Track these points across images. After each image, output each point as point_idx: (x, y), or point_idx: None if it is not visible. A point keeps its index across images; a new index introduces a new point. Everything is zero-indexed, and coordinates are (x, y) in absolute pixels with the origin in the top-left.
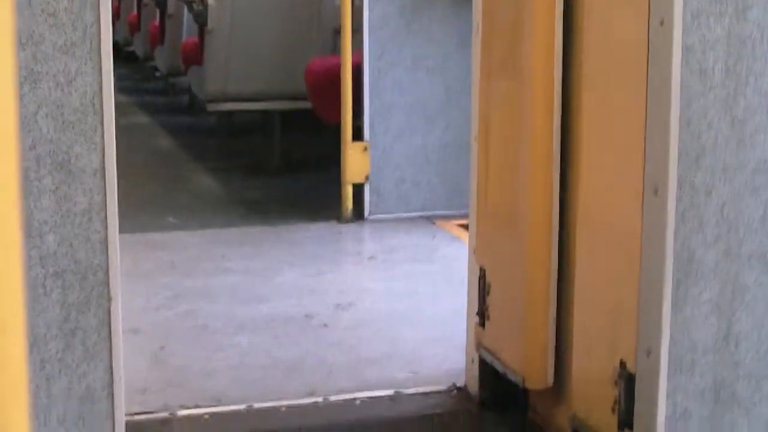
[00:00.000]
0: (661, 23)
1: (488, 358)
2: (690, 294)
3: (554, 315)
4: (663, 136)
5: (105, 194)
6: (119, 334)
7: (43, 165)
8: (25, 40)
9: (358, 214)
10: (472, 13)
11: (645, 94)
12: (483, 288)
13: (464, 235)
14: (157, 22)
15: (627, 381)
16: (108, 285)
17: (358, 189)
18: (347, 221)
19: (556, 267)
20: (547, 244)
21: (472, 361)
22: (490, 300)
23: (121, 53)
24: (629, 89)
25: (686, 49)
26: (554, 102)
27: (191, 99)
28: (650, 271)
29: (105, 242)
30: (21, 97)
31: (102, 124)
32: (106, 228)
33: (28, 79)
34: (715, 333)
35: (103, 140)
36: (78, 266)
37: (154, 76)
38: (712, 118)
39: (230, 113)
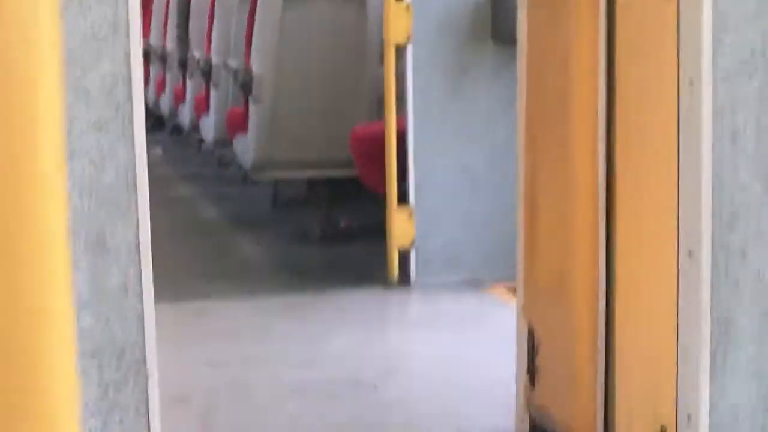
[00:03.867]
0: (691, 83)
1: (538, 417)
2: (728, 358)
3: (603, 373)
4: (695, 198)
5: (140, 270)
6: (157, 411)
7: (78, 242)
8: None
9: (405, 279)
10: (516, 79)
11: (677, 155)
12: (532, 347)
13: (511, 300)
14: (202, 92)
15: None
16: (145, 362)
17: (404, 254)
18: (393, 287)
19: (604, 327)
20: (594, 307)
21: (522, 421)
22: (539, 359)
23: (166, 125)
24: (662, 151)
25: (716, 110)
26: (599, 167)
27: (237, 169)
28: (687, 334)
29: (141, 319)
30: None
31: (136, 200)
32: (142, 304)
33: None
34: (755, 397)
35: (138, 216)
36: (114, 344)
37: (200, 147)
38: (744, 180)
39: (275, 182)
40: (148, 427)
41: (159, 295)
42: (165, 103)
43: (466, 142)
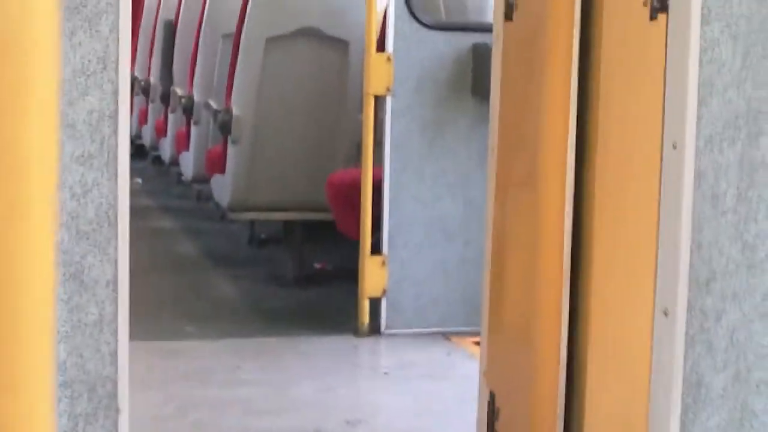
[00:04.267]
0: (674, 146)
1: None
2: (698, 419)
3: None
4: (674, 259)
5: (117, 306)
6: None
7: (57, 275)
8: None
9: (375, 327)
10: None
11: (657, 216)
12: (492, 413)
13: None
14: (183, 128)
15: None
16: (116, 397)
17: (375, 303)
18: (363, 335)
19: (564, 392)
20: (555, 367)
21: None
22: (499, 425)
23: (147, 156)
24: (642, 211)
25: (698, 174)
26: (565, 221)
27: (214, 205)
28: (659, 394)
29: (115, 354)
30: None
31: (116, 235)
32: (116, 340)
33: None
34: None
35: (117, 252)
36: (87, 377)
37: (179, 180)
38: (723, 243)
39: (253, 221)
40: None
41: (131, 333)
42: (147, 134)
43: (442, 194)
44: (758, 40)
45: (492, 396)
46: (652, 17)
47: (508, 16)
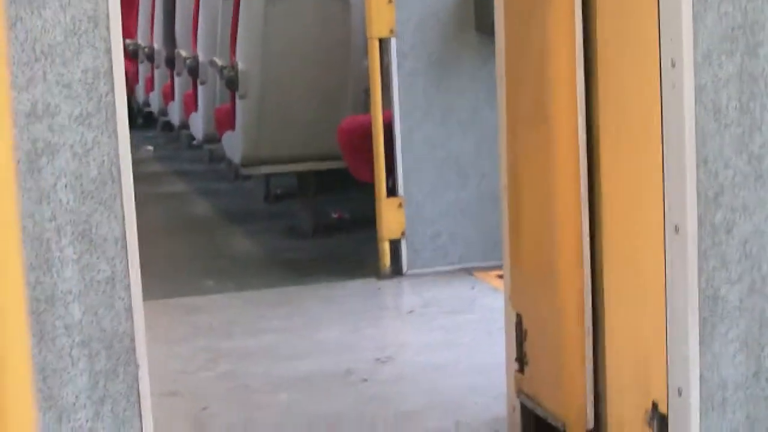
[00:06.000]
0: (672, 64)
1: (529, 404)
2: (717, 332)
3: (591, 358)
4: (680, 176)
5: (128, 262)
6: (148, 399)
7: (64, 235)
8: (41, 111)
9: (396, 269)
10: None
11: (660, 135)
12: (520, 334)
13: (501, 285)
14: (191, 90)
15: (660, 422)
16: (135, 352)
17: (395, 245)
18: (385, 277)
19: (591, 311)
20: (579, 289)
21: (513, 409)
22: (528, 346)
23: (156, 123)
24: (645, 131)
25: (699, 89)
26: (579, 149)
27: (227, 165)
28: (676, 310)
29: (130, 309)
30: (39, 169)
31: (121, 192)
32: (130, 295)
33: (45, 150)
34: (745, 370)
35: (123, 208)
36: (104, 334)
37: (190, 144)
38: (728, 157)
39: (266, 177)
40: (140, 415)
41: (151, 292)
42: (155, 101)
43: (452, 132)
44: None
45: (519, 317)
46: None
47: None
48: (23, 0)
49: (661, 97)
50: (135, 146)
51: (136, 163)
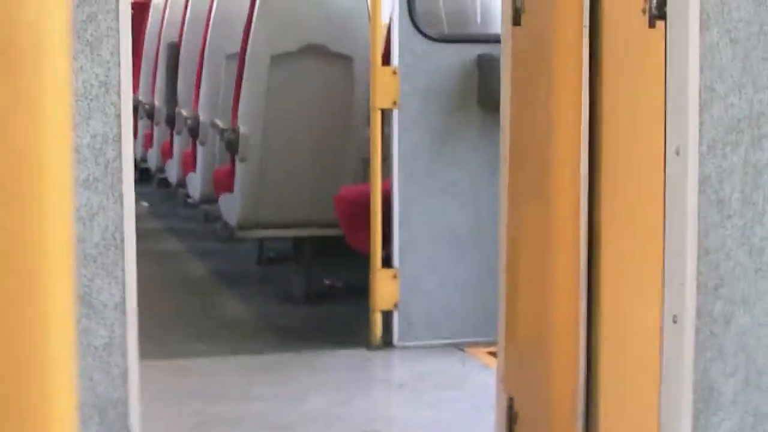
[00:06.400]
0: (677, 152)
1: None
2: (710, 424)
3: None
4: (681, 265)
5: (126, 328)
6: None
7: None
8: None
9: (387, 341)
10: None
11: (662, 223)
12: (510, 417)
13: (494, 363)
14: (189, 149)
15: None
16: (128, 419)
17: (387, 316)
18: (376, 348)
19: (583, 396)
20: (573, 373)
21: None
22: (518, 429)
23: (153, 179)
24: (647, 218)
25: (703, 179)
26: (580, 231)
27: (222, 226)
28: (670, 400)
29: (125, 376)
30: None
31: (123, 258)
32: (126, 362)
33: None
34: None
35: (124, 274)
36: (98, 400)
37: (186, 202)
38: (729, 248)
39: (261, 240)
40: None
41: (141, 352)
42: (152, 158)
43: (451, 205)
44: (758, 43)
45: (510, 401)
46: (651, 25)
47: (516, 21)
48: None
49: (665, 185)
50: None
51: None
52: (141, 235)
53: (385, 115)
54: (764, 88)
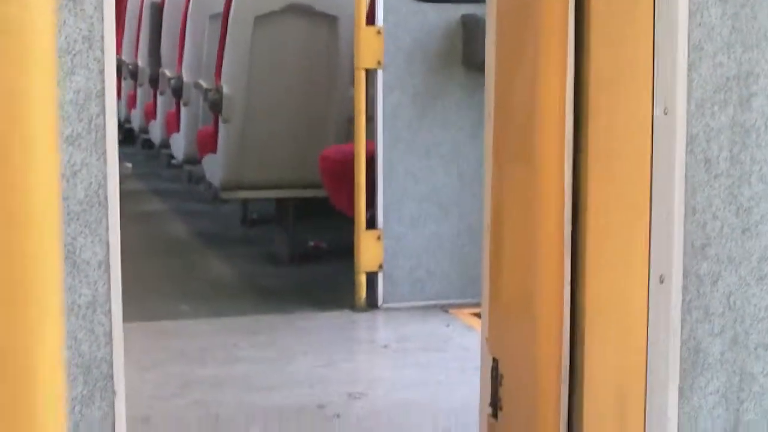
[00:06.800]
0: (665, 112)
1: None
2: (697, 384)
3: (567, 407)
4: (668, 225)
5: (110, 287)
6: (124, 427)
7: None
8: None
9: (372, 302)
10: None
11: (650, 182)
12: (495, 378)
13: (478, 324)
14: (173, 110)
15: None
16: (112, 378)
17: (371, 277)
18: (361, 310)
19: (568, 356)
20: (558, 334)
21: None
22: (503, 391)
23: (137, 140)
24: (634, 178)
25: (690, 139)
26: (565, 191)
27: (205, 187)
28: (657, 360)
29: (110, 335)
30: None
31: (107, 216)
32: (110, 321)
33: None
34: (723, 424)
35: (108, 232)
36: (82, 359)
37: (170, 163)
38: (717, 208)
39: (245, 201)
40: None
41: (125, 314)
42: (136, 118)
43: (435, 166)
44: (747, 1)
45: (495, 362)
46: None
47: None
48: None
49: (652, 144)
50: None
51: None
52: (124, 195)
53: (370, 75)
54: (753, 47)
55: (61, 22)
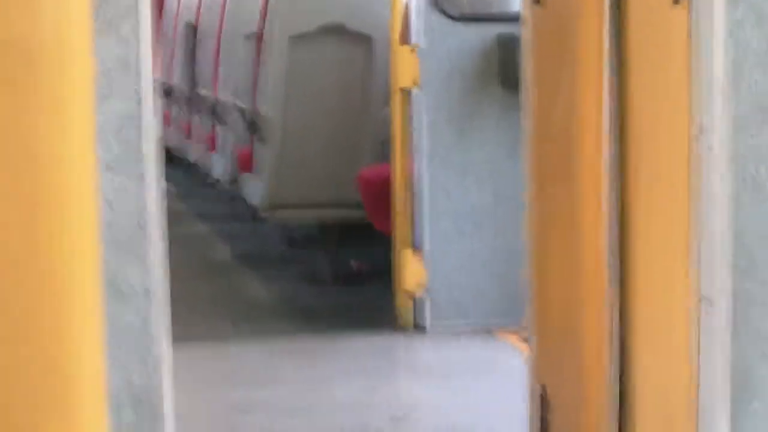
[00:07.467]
0: (702, 131)
1: None
2: (749, 409)
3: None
4: (714, 247)
5: (156, 313)
6: None
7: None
8: None
9: (414, 324)
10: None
11: (695, 203)
12: (543, 406)
13: (523, 347)
14: (209, 130)
15: None
16: (162, 405)
17: (413, 299)
18: (403, 331)
19: (617, 384)
20: (605, 362)
21: None
22: (551, 417)
23: (174, 159)
24: (677, 198)
25: (731, 159)
26: (609, 215)
27: (246, 206)
28: (707, 385)
29: (157, 362)
30: None
31: (150, 242)
32: (158, 348)
33: None
34: None
35: (152, 258)
36: (130, 387)
37: (206, 182)
38: (763, 229)
39: (285, 221)
40: None
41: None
42: (171, 137)
43: (472, 185)
44: None
45: (543, 388)
46: (675, 1)
47: (537, 0)
48: None
49: (689, 164)
50: None
51: None
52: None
53: (405, 95)
54: None
55: (98, 47)
